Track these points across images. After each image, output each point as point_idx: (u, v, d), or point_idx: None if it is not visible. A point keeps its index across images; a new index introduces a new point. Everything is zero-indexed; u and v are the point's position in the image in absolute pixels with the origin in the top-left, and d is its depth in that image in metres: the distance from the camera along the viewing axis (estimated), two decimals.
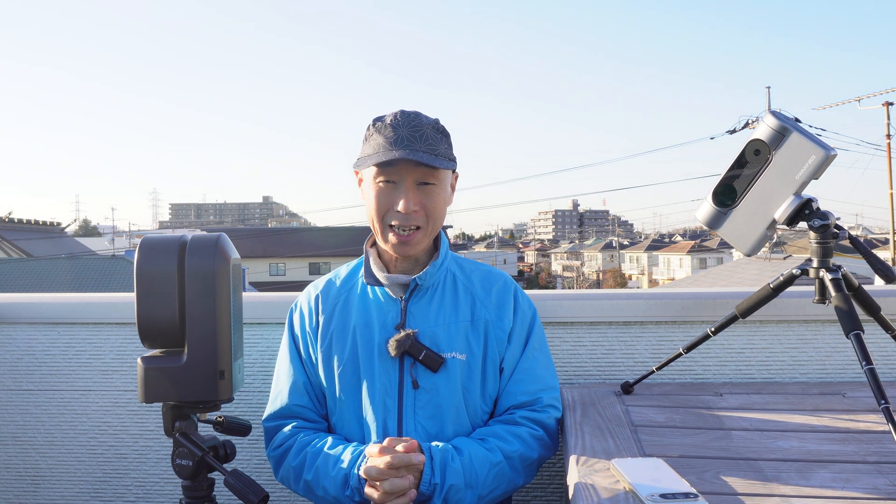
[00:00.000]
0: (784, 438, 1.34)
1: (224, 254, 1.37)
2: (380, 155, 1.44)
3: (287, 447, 1.53)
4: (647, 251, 58.75)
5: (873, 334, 1.70)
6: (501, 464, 1.43)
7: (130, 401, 1.98)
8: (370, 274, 1.55)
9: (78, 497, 2.00)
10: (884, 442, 1.30)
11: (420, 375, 1.49)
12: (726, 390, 1.70)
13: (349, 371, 1.53)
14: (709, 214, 1.42)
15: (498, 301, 1.57)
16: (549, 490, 1.88)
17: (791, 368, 1.85)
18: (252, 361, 1.94)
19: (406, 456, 1.35)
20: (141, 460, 1.99)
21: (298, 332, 1.62)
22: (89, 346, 1.99)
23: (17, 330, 2.02)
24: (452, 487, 1.37)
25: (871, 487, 1.10)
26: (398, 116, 1.48)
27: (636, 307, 1.87)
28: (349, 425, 1.54)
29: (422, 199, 1.48)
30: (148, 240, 1.39)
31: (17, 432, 2.01)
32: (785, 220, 1.34)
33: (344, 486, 1.41)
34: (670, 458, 1.23)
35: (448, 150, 1.51)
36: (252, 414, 1.93)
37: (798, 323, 1.85)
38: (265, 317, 1.94)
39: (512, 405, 1.53)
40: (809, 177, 1.31)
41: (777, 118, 1.33)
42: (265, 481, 1.89)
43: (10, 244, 26.47)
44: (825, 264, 1.35)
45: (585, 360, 1.88)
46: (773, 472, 1.17)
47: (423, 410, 1.49)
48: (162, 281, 1.34)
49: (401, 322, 1.52)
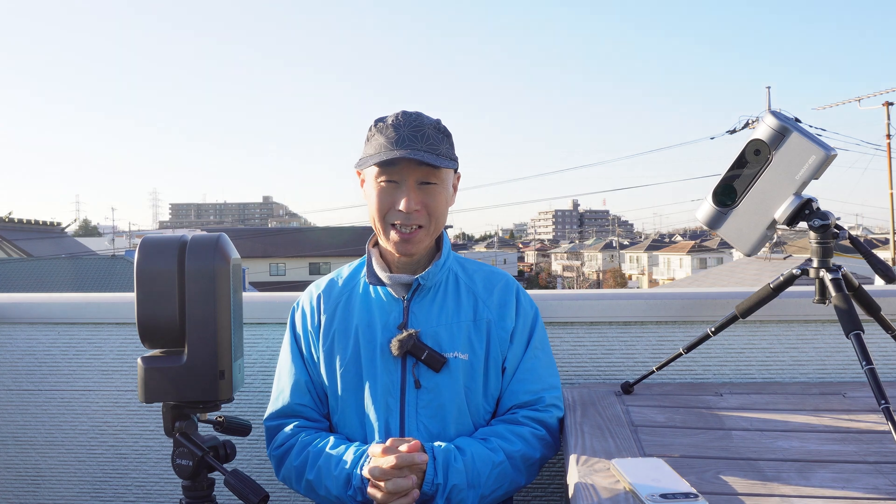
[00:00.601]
0: (784, 438, 1.34)
1: (224, 254, 1.37)
2: (382, 154, 1.44)
3: (289, 446, 1.53)
4: (648, 251, 58.74)
5: (873, 334, 1.69)
6: (504, 463, 1.43)
7: (130, 401, 1.98)
8: (372, 273, 1.55)
9: (78, 497, 2.00)
10: (884, 442, 1.30)
11: (422, 375, 1.49)
12: (726, 390, 1.70)
13: (351, 371, 1.53)
14: (709, 214, 1.42)
15: (500, 301, 1.57)
16: (549, 490, 1.88)
17: (791, 368, 1.85)
18: (252, 361, 1.94)
19: (409, 456, 1.35)
20: (141, 460, 1.99)
21: (300, 332, 1.62)
22: (89, 346, 1.99)
23: (17, 330, 2.02)
24: (455, 487, 1.37)
25: (871, 487, 1.10)
26: (400, 117, 1.48)
27: (636, 307, 1.87)
28: (351, 425, 1.54)
29: (423, 199, 1.48)
30: (148, 240, 1.39)
31: (17, 432, 2.01)
32: (785, 220, 1.34)
33: (346, 486, 1.41)
34: (670, 458, 1.23)
35: (450, 150, 1.51)
36: (252, 414, 1.93)
37: (798, 323, 1.84)
38: (265, 317, 1.94)
39: (514, 405, 1.53)
40: (809, 177, 1.31)
41: (777, 118, 1.33)
42: (265, 481, 1.89)
43: (10, 244, 26.46)
44: (825, 264, 1.35)
45: (585, 360, 1.88)
46: (774, 472, 1.17)
47: (426, 410, 1.49)
48: (162, 281, 1.34)
49: (403, 322, 1.52)
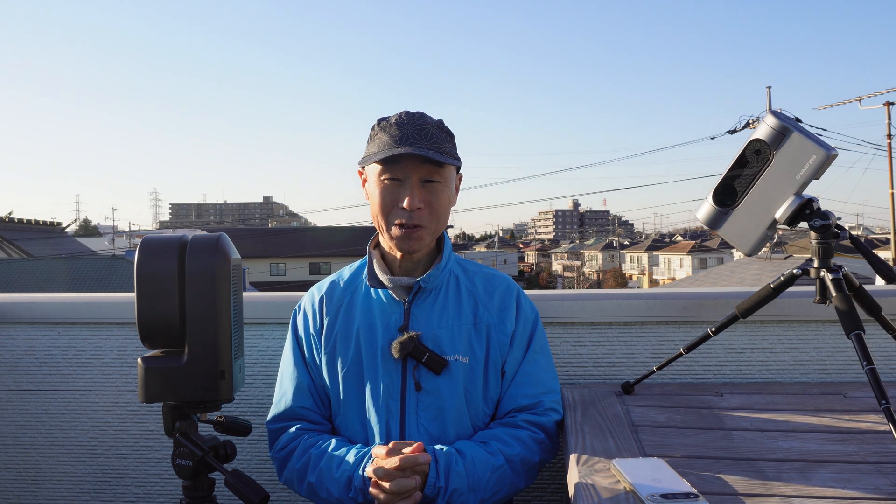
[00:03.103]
0: (785, 438, 1.34)
1: (224, 254, 1.37)
2: (385, 151, 1.45)
3: (291, 449, 1.53)
4: (648, 251, 58.74)
5: (874, 334, 1.69)
6: (503, 467, 1.43)
7: (131, 401, 1.98)
8: (373, 276, 1.55)
9: (78, 497, 2.00)
10: (884, 442, 1.30)
11: (423, 378, 1.49)
12: (727, 390, 1.70)
13: (353, 373, 1.53)
14: (709, 214, 1.41)
15: (500, 304, 1.57)
16: (549, 490, 1.88)
17: (792, 368, 1.84)
18: (252, 361, 1.94)
19: (413, 457, 1.35)
20: (141, 460, 1.98)
21: (302, 335, 1.62)
22: (89, 346, 1.99)
23: (17, 330, 2.01)
24: (456, 491, 1.37)
25: (871, 487, 1.10)
26: (403, 116, 1.49)
27: (636, 307, 1.87)
28: (353, 427, 1.54)
29: (427, 197, 1.48)
30: (148, 240, 1.39)
31: (17, 432, 2.01)
32: (786, 220, 1.34)
33: (348, 488, 1.41)
34: (671, 458, 1.23)
35: (452, 149, 1.51)
36: (252, 414, 1.93)
37: (799, 323, 1.84)
38: (265, 317, 1.94)
39: (513, 408, 1.53)
40: (810, 177, 1.31)
41: (778, 118, 1.33)
42: (265, 481, 1.89)
43: (10, 244, 26.45)
44: (826, 264, 1.34)
45: (586, 360, 1.88)
46: (774, 472, 1.17)
47: (426, 412, 1.49)
48: (162, 281, 1.34)
49: (404, 324, 1.52)
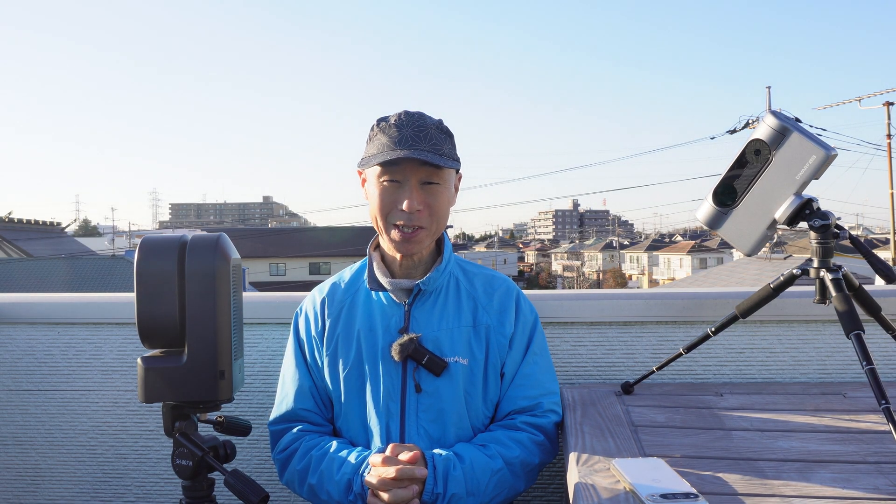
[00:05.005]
0: (784, 438, 1.34)
1: (224, 254, 1.36)
2: (385, 154, 1.44)
3: (292, 450, 1.53)
4: (648, 251, 58.74)
5: (874, 334, 1.69)
6: (503, 470, 1.43)
7: (130, 401, 1.98)
8: (373, 279, 1.55)
9: (78, 497, 2.00)
10: (884, 442, 1.30)
11: (423, 379, 1.49)
12: (727, 390, 1.70)
13: (354, 375, 1.53)
14: (709, 214, 1.41)
15: (500, 306, 1.57)
16: (549, 490, 1.88)
17: (791, 368, 1.84)
18: (252, 361, 1.94)
19: (409, 469, 1.35)
20: (141, 460, 1.98)
21: (304, 337, 1.62)
22: (89, 346, 1.99)
23: (17, 330, 2.01)
24: (455, 496, 1.37)
25: (871, 487, 1.10)
26: (402, 117, 1.48)
27: (636, 307, 1.87)
28: (354, 429, 1.54)
29: (426, 199, 1.48)
30: (148, 240, 1.39)
31: (17, 432, 2.01)
32: (785, 220, 1.34)
33: (347, 492, 1.42)
34: (671, 458, 1.23)
35: (452, 150, 1.51)
36: (252, 414, 1.93)
37: (798, 323, 1.84)
38: (265, 317, 1.94)
39: (513, 410, 1.53)
40: (810, 177, 1.31)
41: (777, 118, 1.33)
42: (265, 481, 1.89)
43: (10, 244, 26.45)
44: (826, 264, 1.34)
45: (586, 360, 1.88)
46: (774, 472, 1.17)
47: (426, 414, 1.49)
48: (162, 281, 1.34)
49: (404, 326, 1.52)
